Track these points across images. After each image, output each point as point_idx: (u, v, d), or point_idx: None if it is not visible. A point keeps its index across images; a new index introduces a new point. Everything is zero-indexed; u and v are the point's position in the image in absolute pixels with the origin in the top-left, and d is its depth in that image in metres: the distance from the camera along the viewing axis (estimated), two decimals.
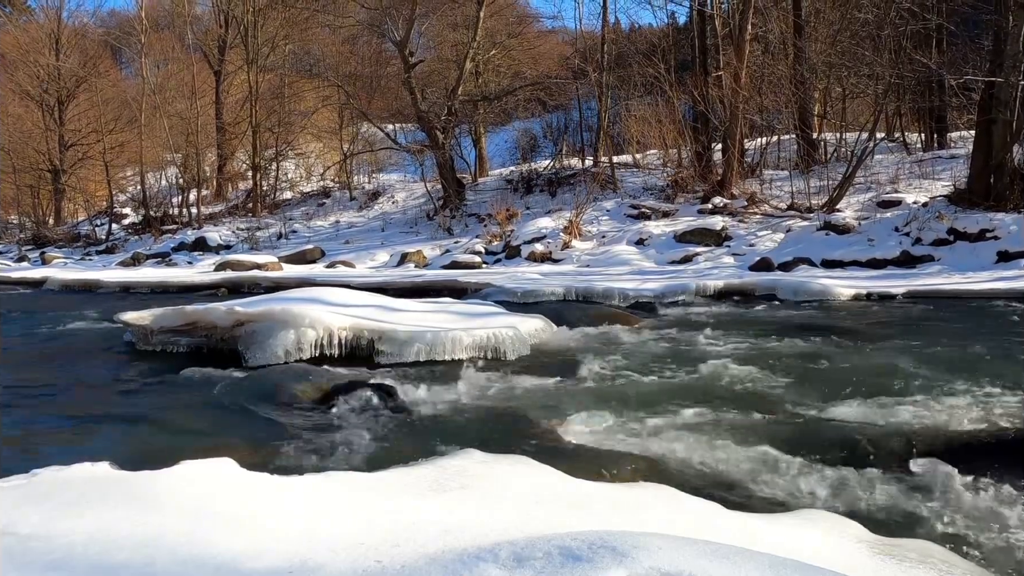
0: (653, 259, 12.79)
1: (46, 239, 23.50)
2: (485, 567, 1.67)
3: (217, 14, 24.59)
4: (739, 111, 14.22)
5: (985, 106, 11.31)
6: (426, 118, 17.75)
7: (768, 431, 3.70)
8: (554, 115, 22.67)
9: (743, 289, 9.25)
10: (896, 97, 14.70)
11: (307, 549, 2.00)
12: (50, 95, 25.57)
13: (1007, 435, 3.39)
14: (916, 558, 2.27)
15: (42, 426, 4.26)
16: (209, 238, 19.20)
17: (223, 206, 22.79)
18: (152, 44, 25.61)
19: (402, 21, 18.12)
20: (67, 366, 6.20)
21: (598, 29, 19.49)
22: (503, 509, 2.40)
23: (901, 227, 11.41)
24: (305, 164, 24.88)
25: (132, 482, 2.50)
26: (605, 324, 6.95)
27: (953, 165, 13.75)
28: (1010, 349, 5.51)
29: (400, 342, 5.53)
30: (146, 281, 13.17)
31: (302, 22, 23.62)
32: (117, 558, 1.92)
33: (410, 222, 18.20)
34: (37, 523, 2.14)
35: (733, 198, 14.31)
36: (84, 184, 26.12)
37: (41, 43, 26.24)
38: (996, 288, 8.41)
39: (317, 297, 6.54)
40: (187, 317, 6.11)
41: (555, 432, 3.81)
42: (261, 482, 2.61)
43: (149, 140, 23.02)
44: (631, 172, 17.44)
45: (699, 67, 17.10)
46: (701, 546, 1.73)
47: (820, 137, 16.26)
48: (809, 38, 15.22)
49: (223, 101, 23.72)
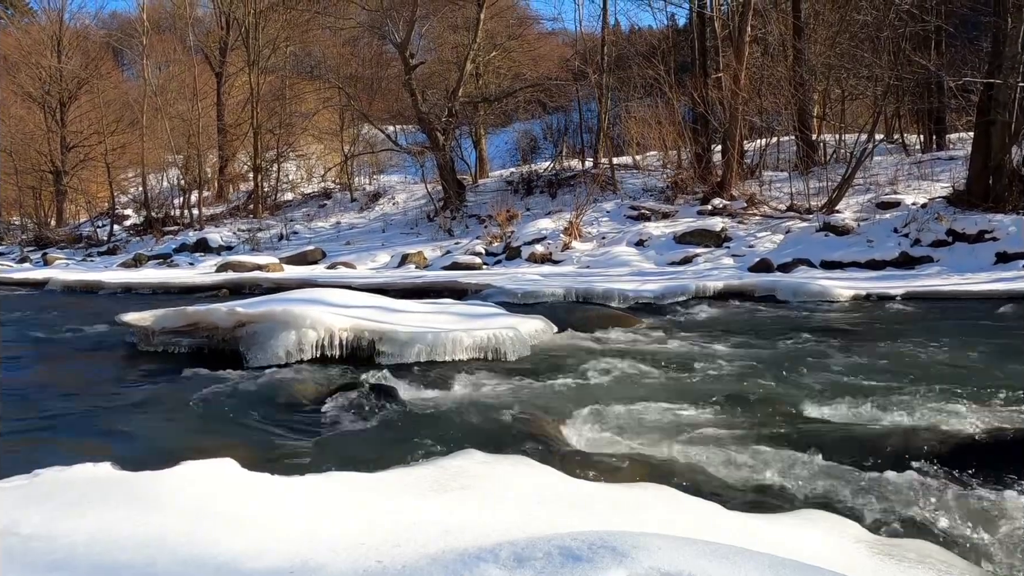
0: (653, 260, 12.81)
1: (48, 240, 23.59)
2: (486, 567, 1.68)
3: (218, 16, 24.65)
4: (739, 113, 14.25)
5: (984, 108, 11.32)
6: (427, 119, 17.79)
7: (767, 431, 3.71)
8: (554, 116, 22.69)
9: (743, 290, 9.26)
10: (895, 99, 14.79)
11: (308, 549, 2.00)
12: (52, 97, 25.65)
13: (1005, 436, 3.39)
14: (914, 558, 2.28)
15: (44, 426, 4.26)
16: (210, 239, 19.25)
17: (224, 207, 22.85)
18: (154, 46, 25.66)
19: (403, 23, 18.15)
20: (69, 367, 6.20)
21: (598, 31, 19.54)
22: (504, 509, 2.42)
23: (900, 228, 11.43)
24: (306, 165, 24.96)
25: (133, 482, 2.51)
26: (605, 325, 6.96)
27: (952, 166, 13.75)
28: (1008, 350, 5.52)
29: (401, 343, 5.54)
30: (148, 282, 13.20)
31: (303, 24, 23.70)
32: (119, 558, 1.93)
33: (411, 223, 18.25)
34: (39, 523, 2.14)
35: (733, 199, 14.33)
36: (86, 185, 26.21)
37: (43, 45, 26.29)
38: (995, 289, 8.41)
39: (318, 298, 6.55)
40: (189, 318, 6.12)
41: (555, 433, 3.81)
42: (262, 482, 2.61)
43: (151, 141, 23.08)
44: (631, 173, 17.48)
45: (699, 69, 17.15)
46: (701, 546, 1.74)
47: (819, 138, 16.28)
48: (808, 40, 15.24)
49: (224, 103, 23.78)
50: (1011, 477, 3.01)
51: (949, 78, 11.99)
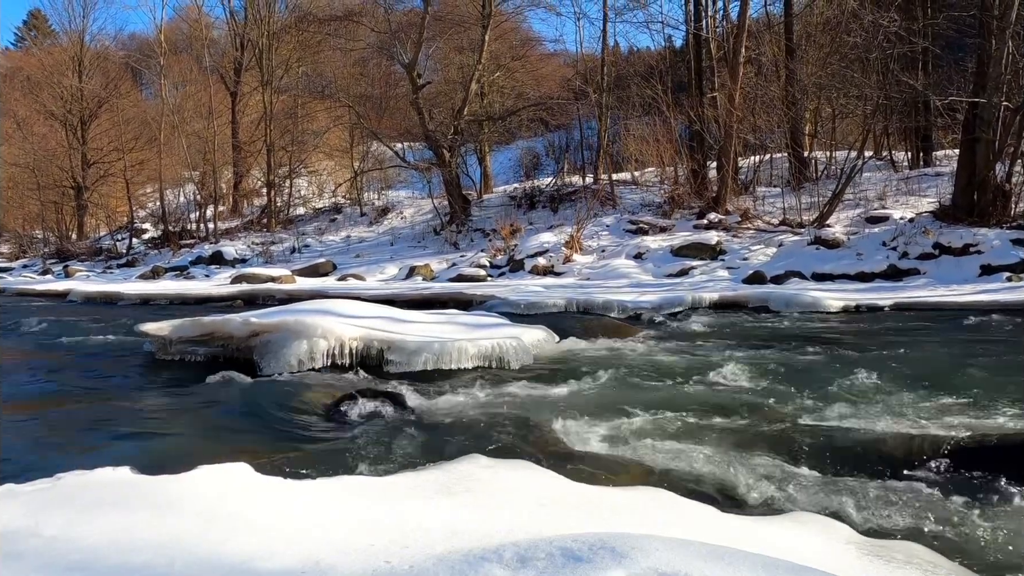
0: (651, 272, 12.99)
1: (69, 253, 24.14)
2: (490, 567, 1.70)
3: (233, 37, 25.19)
4: (733, 130, 14.50)
5: (969, 126, 11.52)
6: (433, 137, 18.10)
7: (761, 437, 3.76)
8: (556, 134, 22.95)
9: (737, 301, 9.35)
10: (884, 117, 14.91)
11: (319, 550, 2.03)
12: (73, 115, 26.29)
13: (989, 441, 3.45)
14: (902, 559, 2.32)
15: (65, 432, 4.31)
16: (225, 252, 19.63)
17: (239, 221, 23.28)
18: (171, 66, 26.26)
19: (410, 44, 18.58)
20: (89, 374, 6.27)
21: (598, 52, 19.84)
22: (507, 512, 2.44)
23: (888, 242, 11.62)
24: (317, 181, 25.30)
25: (151, 486, 2.56)
26: (605, 335, 7.03)
27: (938, 182, 13.99)
28: (991, 359, 5.54)
29: (408, 352, 5.57)
30: (165, 293, 13.41)
31: (315, 45, 24.06)
32: (138, 559, 1.95)
33: (418, 237, 18.56)
34: (61, 525, 2.18)
35: (727, 214, 14.59)
36: (106, 200, 26.75)
37: (65, 65, 26.97)
38: (979, 300, 8.52)
39: (329, 309, 6.64)
40: (204, 328, 6.22)
41: (557, 438, 3.83)
42: (274, 486, 2.65)
43: (168, 158, 23.56)
44: (630, 189, 17.75)
45: (695, 88, 17.52)
46: (697, 547, 1.76)
47: (811, 155, 16.56)
48: (800, 61, 15.49)
49: (239, 121, 24.29)
50: (995, 481, 3.09)
51: (936, 97, 12.05)
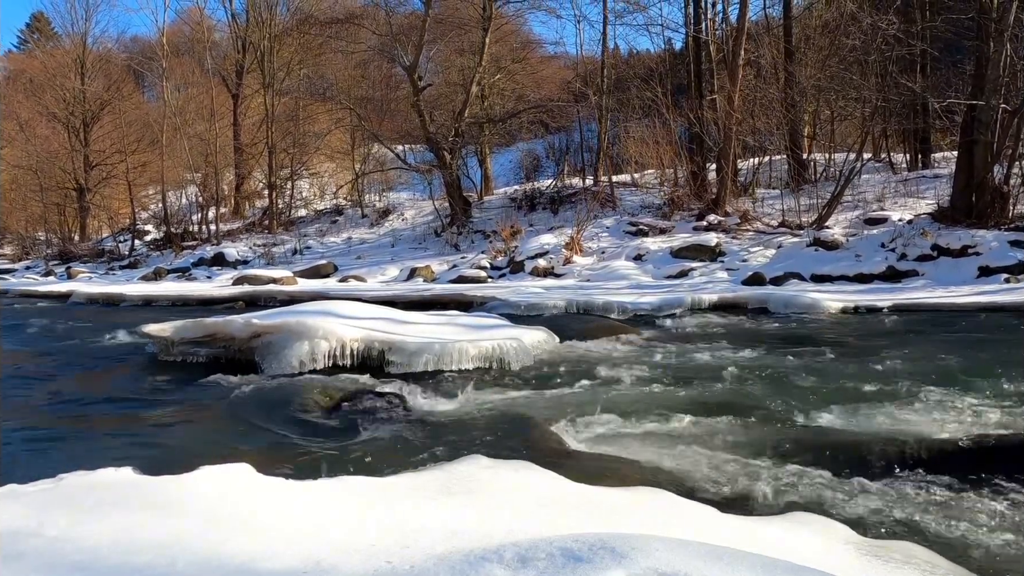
0: (651, 274, 13.04)
1: (72, 254, 24.18)
2: (491, 567, 1.70)
3: (235, 40, 25.27)
4: (732, 133, 14.55)
5: (967, 128, 11.56)
6: (434, 139, 18.17)
7: (760, 438, 3.78)
8: (556, 136, 23.03)
9: (736, 302, 9.38)
10: (882, 119, 14.95)
11: (320, 550, 2.04)
12: (76, 117, 26.36)
13: (987, 442, 3.47)
14: (900, 559, 2.34)
15: (68, 432, 4.34)
16: (227, 254, 19.67)
17: (240, 223, 23.32)
18: (173, 68, 26.34)
19: (411, 47, 18.63)
20: (92, 375, 6.33)
21: (598, 54, 19.91)
22: (508, 512, 2.45)
23: (887, 243, 11.67)
24: (319, 183, 25.36)
25: (154, 486, 2.56)
26: (605, 336, 7.07)
27: (937, 184, 14.04)
28: (989, 360, 5.59)
29: (409, 353, 5.61)
30: (167, 295, 13.45)
31: (316, 48, 24.15)
32: (140, 559, 1.95)
33: (419, 238, 18.60)
34: (64, 525, 2.18)
35: (727, 216, 14.65)
36: (108, 202, 26.83)
37: (67, 68, 27.00)
38: (977, 302, 8.56)
39: (330, 310, 6.68)
40: (206, 329, 6.28)
41: (557, 439, 3.85)
42: (276, 486, 2.66)
43: (170, 160, 23.64)
44: (629, 191, 17.80)
45: (694, 91, 17.58)
46: (696, 547, 1.76)
47: (810, 157, 16.61)
48: (799, 63, 15.54)
49: (240, 123, 24.37)
50: (993, 481, 3.12)
51: (934, 99, 12.15)
